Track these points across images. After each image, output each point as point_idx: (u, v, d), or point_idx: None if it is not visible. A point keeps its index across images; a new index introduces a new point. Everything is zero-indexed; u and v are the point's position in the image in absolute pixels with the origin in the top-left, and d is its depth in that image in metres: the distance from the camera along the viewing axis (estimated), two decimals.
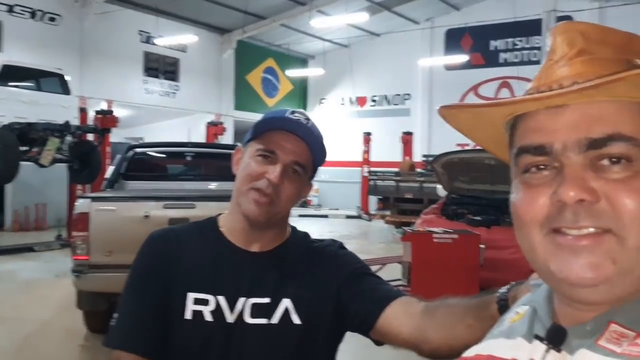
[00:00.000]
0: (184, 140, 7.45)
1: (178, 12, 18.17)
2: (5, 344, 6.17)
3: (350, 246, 1.51)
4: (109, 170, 7.96)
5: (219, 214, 1.44)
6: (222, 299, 1.31)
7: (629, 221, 0.57)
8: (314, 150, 1.32)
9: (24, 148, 9.98)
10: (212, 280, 1.32)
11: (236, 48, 20.97)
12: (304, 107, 25.00)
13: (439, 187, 9.60)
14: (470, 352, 0.74)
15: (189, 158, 7.01)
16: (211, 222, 1.43)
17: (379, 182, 17.64)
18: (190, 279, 1.33)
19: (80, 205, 6.03)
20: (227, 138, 17.31)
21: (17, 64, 11.31)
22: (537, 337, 0.65)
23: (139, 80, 18.42)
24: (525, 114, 0.65)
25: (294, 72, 23.53)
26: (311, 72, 24.13)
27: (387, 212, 15.67)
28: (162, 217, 5.53)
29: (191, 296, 1.31)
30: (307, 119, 1.35)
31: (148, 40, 18.24)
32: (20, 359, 5.70)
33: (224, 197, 5.84)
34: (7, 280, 9.50)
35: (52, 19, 15.80)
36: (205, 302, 1.31)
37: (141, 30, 18.07)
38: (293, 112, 1.33)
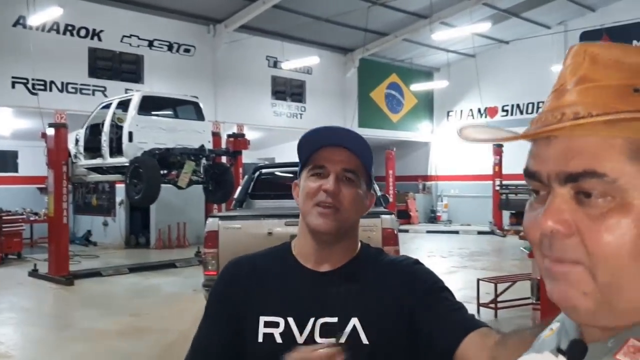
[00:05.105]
0: None
1: (302, 35, 18.76)
2: (151, 352, 6.67)
3: (480, 263, 1.44)
4: (237, 190, 8.36)
5: (293, 238, 1.47)
6: (291, 320, 1.33)
7: (595, 259, 0.58)
8: (361, 156, 1.34)
9: (164, 171, 10.75)
10: (281, 303, 1.35)
11: (359, 66, 21.21)
12: (431, 121, 24.65)
13: None
14: None
15: None
16: (285, 247, 1.47)
17: (512, 196, 16.82)
18: (261, 302, 1.37)
19: (210, 223, 6.37)
20: None
21: (155, 95, 12.20)
22: (560, 351, 0.67)
23: (268, 103, 19.22)
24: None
25: (418, 86, 23.29)
26: (435, 84, 23.76)
27: (521, 228, 14.93)
28: (284, 233, 5.67)
29: (262, 319, 1.35)
30: (346, 129, 1.37)
31: (275, 64, 19.01)
32: None
33: None
34: (153, 294, 10.28)
35: (187, 50, 17.02)
36: (275, 325, 1.34)
37: (268, 56, 18.88)
38: (328, 129, 1.37)
